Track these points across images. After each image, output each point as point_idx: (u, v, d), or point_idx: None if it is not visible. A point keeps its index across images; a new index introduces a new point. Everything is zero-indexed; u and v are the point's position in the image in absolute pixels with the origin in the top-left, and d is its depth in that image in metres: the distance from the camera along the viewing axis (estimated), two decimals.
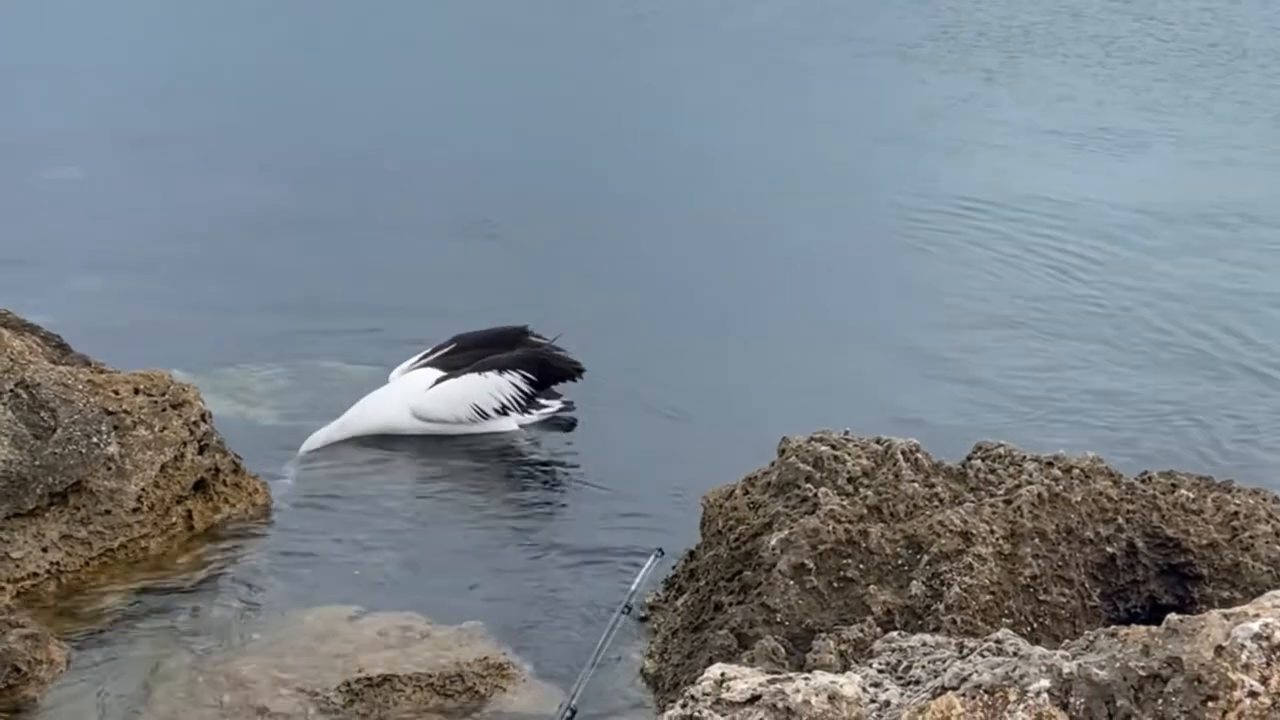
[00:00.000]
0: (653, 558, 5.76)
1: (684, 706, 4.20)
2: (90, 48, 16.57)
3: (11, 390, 6.65)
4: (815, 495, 5.90)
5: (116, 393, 6.95)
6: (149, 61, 16.05)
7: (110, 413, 6.83)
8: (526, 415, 8.38)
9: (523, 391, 8.27)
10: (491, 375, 8.23)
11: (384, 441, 8.24)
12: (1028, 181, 13.28)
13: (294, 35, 17.84)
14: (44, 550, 6.44)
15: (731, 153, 13.92)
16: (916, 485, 5.95)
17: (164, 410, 7.00)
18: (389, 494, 7.73)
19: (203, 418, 7.13)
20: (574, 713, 5.10)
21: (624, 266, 11.07)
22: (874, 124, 15.12)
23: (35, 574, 6.37)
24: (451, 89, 16.06)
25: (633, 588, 5.71)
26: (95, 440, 6.67)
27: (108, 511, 6.66)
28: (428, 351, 8.43)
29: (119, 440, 6.78)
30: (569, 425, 8.55)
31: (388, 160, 13.31)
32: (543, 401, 8.47)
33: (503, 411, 8.26)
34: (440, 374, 8.26)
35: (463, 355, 8.35)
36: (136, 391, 7.02)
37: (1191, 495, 5.91)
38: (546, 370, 8.38)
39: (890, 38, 18.85)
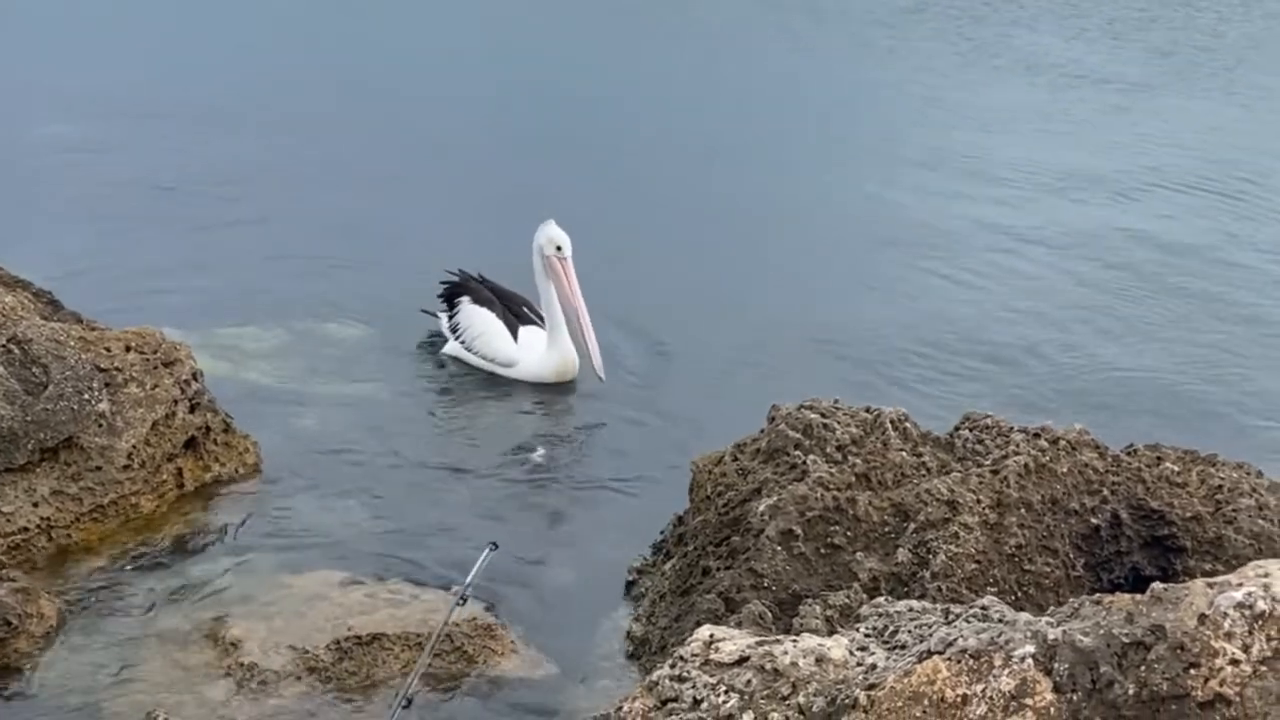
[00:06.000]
0: (487, 551, 5.77)
1: (673, 667, 4.24)
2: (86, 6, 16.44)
3: (4, 345, 6.66)
4: (804, 462, 5.94)
5: (108, 350, 6.96)
6: (144, 21, 15.93)
7: (102, 370, 6.84)
8: None
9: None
10: None
11: (376, 406, 8.28)
12: (1048, 156, 13.26)
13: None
14: (35, 505, 6.46)
15: (736, 126, 13.86)
16: (904, 454, 5.98)
17: (155, 368, 7.02)
18: (380, 456, 7.76)
19: (194, 376, 7.15)
20: (410, 702, 5.02)
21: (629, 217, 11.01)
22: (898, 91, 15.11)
23: (26, 529, 6.38)
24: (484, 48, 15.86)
25: (467, 580, 5.70)
26: (87, 397, 6.68)
27: (99, 468, 6.68)
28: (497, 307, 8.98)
29: (110, 397, 6.79)
30: None
31: (389, 117, 13.19)
32: None
33: None
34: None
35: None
36: (128, 349, 7.03)
37: (1176, 468, 5.95)
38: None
39: None
